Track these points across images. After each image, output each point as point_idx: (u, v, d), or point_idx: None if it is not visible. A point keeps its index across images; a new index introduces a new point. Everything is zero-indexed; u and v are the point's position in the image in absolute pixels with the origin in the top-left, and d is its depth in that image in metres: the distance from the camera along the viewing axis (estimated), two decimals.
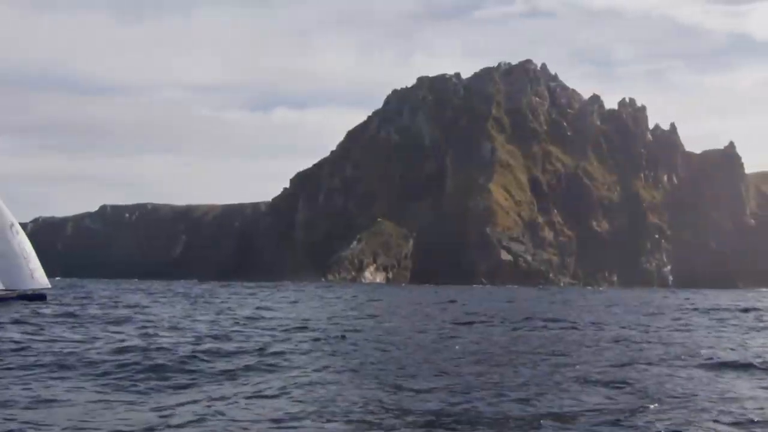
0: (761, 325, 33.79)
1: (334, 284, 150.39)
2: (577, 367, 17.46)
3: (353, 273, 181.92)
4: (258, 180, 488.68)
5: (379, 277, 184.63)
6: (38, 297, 40.55)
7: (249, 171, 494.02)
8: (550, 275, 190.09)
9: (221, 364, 17.21)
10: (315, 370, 16.47)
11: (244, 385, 14.88)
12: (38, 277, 40.01)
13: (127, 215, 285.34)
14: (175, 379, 15.15)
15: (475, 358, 19.08)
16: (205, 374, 15.92)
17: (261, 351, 19.68)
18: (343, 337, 23.79)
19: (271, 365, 17.16)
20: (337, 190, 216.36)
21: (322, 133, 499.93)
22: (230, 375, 15.87)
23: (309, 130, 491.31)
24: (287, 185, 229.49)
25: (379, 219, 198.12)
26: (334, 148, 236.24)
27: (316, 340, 23.10)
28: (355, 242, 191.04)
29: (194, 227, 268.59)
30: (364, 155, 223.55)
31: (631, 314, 41.98)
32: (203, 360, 17.69)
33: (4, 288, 39.41)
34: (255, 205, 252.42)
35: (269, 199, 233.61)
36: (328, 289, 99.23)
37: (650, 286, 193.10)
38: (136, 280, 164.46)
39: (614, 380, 15.41)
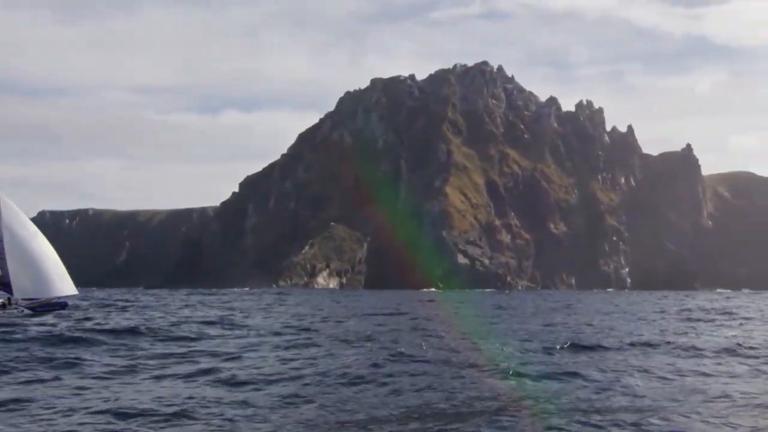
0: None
1: (285, 290, 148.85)
2: None
3: (306, 278, 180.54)
4: (206, 184, 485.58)
5: (333, 283, 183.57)
6: (60, 305, 40.98)
7: (196, 175, 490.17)
8: (508, 279, 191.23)
9: None
10: None
11: None
12: (67, 284, 40.63)
13: (67, 221, 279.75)
14: None
15: None
16: None
17: None
18: None
19: None
20: (288, 193, 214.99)
21: (273, 135, 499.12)
22: None
23: (259, 132, 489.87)
24: (236, 189, 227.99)
25: (331, 223, 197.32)
26: (284, 150, 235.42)
27: None
28: (307, 247, 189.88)
29: (139, 233, 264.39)
30: (315, 158, 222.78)
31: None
32: None
33: (31, 297, 39.57)
34: (202, 210, 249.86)
35: (217, 203, 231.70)
36: (278, 297, 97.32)
37: (608, 288, 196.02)
38: (80, 288, 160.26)
39: None
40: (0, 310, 38.85)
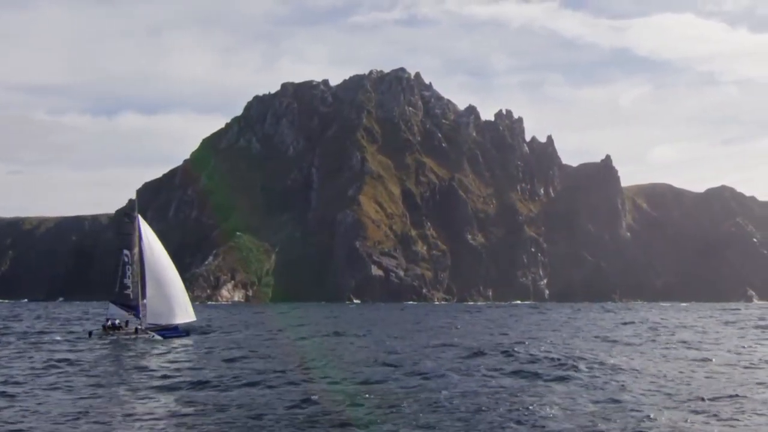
0: None
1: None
2: None
3: (209, 291, 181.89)
4: (99, 190, 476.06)
5: (238, 296, 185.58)
6: (184, 333, 44.24)
7: (89, 180, 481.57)
8: (424, 291, 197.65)
9: None
10: None
11: None
12: (191, 312, 44.39)
13: None
14: None
15: None
16: None
17: None
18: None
19: None
20: (190, 201, 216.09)
21: (175, 140, 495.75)
22: None
23: (159, 137, 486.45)
24: (133, 196, 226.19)
25: (237, 233, 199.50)
26: (187, 156, 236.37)
27: None
28: (210, 258, 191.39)
29: (24, 241, 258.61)
30: (221, 165, 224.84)
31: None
32: None
33: (161, 323, 43.02)
34: (95, 218, 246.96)
35: (112, 211, 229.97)
36: None
37: (526, 300, 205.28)
38: None
39: None
40: (133, 335, 42.79)
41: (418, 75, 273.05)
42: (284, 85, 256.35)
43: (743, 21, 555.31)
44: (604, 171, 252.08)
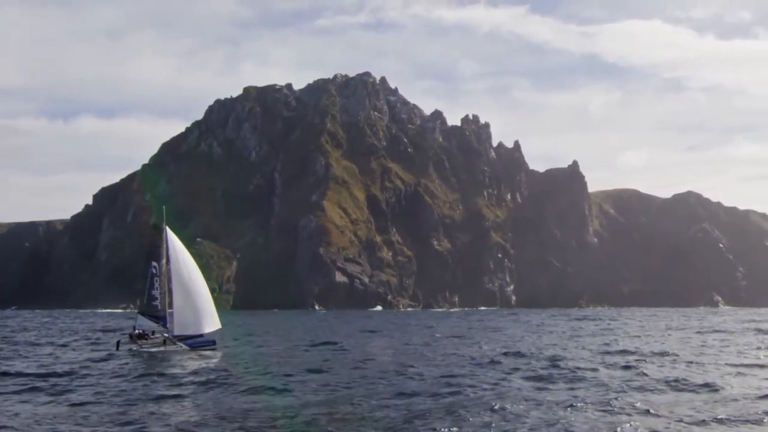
0: None
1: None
2: None
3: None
4: (54, 195, 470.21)
5: None
6: (211, 342, 44.69)
7: (44, 185, 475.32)
8: (389, 297, 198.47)
9: None
10: None
11: None
12: (216, 321, 44.84)
13: None
14: None
15: None
16: None
17: None
18: None
19: None
20: (148, 207, 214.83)
21: (133, 145, 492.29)
22: None
23: (117, 141, 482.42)
24: (89, 202, 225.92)
25: (197, 239, 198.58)
26: (146, 161, 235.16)
27: None
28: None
29: None
30: (181, 169, 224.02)
31: None
32: None
33: (188, 334, 43.71)
34: (49, 224, 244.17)
35: (67, 217, 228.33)
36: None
37: (493, 306, 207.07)
38: None
39: None
40: (162, 347, 43.55)
41: (383, 79, 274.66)
42: (247, 89, 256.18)
43: (711, 28, 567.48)
44: (571, 176, 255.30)
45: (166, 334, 44.00)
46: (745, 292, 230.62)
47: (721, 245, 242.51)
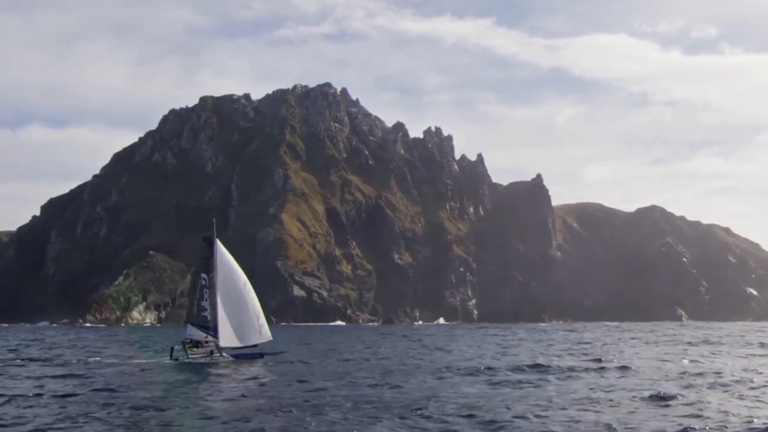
0: None
1: (95, 327, 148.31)
2: None
3: (118, 313, 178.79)
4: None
5: (150, 317, 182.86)
6: (259, 355, 47.73)
7: None
8: (348, 312, 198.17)
9: None
10: None
11: None
12: (265, 332, 47.69)
13: None
14: None
15: None
16: None
17: None
18: None
19: None
20: (99, 218, 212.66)
21: (84, 154, 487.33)
22: None
23: (67, 151, 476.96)
24: (37, 213, 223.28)
25: (150, 252, 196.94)
26: (97, 171, 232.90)
27: None
28: (121, 278, 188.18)
29: None
30: (133, 180, 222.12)
31: None
32: None
33: (235, 346, 46.58)
34: None
35: (13, 228, 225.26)
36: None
37: (455, 320, 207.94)
38: None
39: None
40: (208, 357, 46.18)
41: (344, 90, 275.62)
42: (203, 99, 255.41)
43: (676, 43, 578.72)
44: (534, 190, 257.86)
45: (214, 347, 46.66)
46: (708, 306, 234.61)
47: (684, 259, 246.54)
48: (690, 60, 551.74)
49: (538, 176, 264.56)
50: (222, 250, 47.51)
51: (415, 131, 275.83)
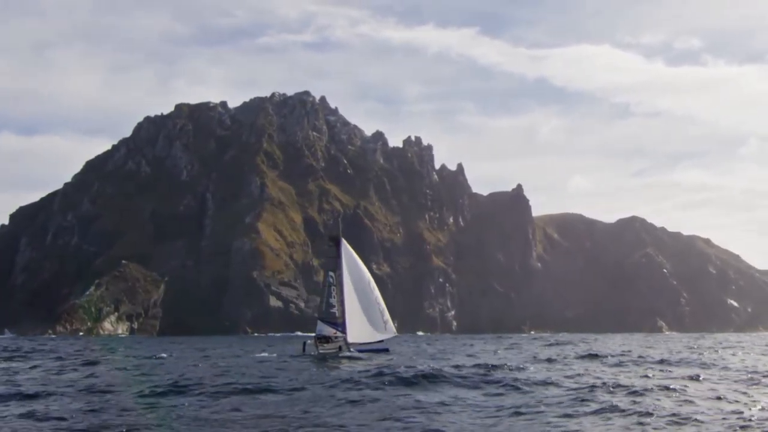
0: None
1: (65, 337, 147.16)
2: None
3: (89, 323, 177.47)
4: None
5: (122, 328, 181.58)
6: (384, 350, 49.99)
7: None
8: None
9: None
10: None
11: None
12: (390, 328, 50.31)
13: None
14: None
15: None
16: None
17: None
18: None
19: None
20: (70, 227, 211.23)
21: (55, 162, 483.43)
22: None
23: (38, 159, 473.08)
24: (5, 221, 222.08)
25: (123, 261, 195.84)
26: (68, 179, 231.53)
27: None
28: (92, 288, 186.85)
29: None
30: (106, 189, 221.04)
31: None
32: None
33: (362, 342, 49.14)
34: None
35: None
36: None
37: (434, 332, 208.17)
38: None
39: None
40: (338, 351, 48.74)
41: (323, 99, 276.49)
42: (178, 106, 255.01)
43: (660, 54, 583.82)
44: (515, 200, 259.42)
45: (343, 340, 49.45)
46: (688, 317, 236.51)
47: (665, 270, 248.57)
48: (673, 71, 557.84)
49: (519, 186, 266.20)
50: (348, 249, 50.20)
51: (395, 141, 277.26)
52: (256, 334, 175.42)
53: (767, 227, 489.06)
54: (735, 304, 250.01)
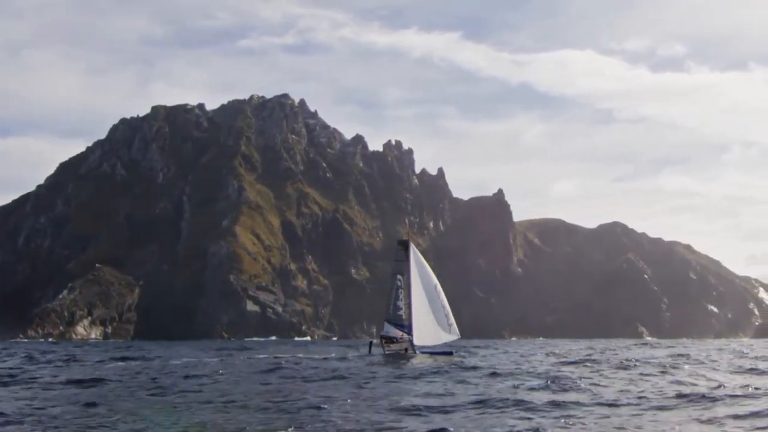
0: None
1: (34, 342, 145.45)
2: None
3: (62, 328, 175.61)
4: None
5: (96, 333, 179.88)
6: (448, 353, 51.11)
7: None
8: (303, 327, 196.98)
9: None
10: None
11: None
12: (454, 331, 51.75)
13: None
14: None
15: None
16: None
17: None
18: None
19: None
20: (43, 230, 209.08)
21: (28, 165, 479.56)
22: None
23: (10, 161, 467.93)
24: None
25: (97, 265, 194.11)
26: (41, 182, 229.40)
27: None
28: (65, 292, 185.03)
29: None
30: (80, 191, 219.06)
31: None
32: None
33: (427, 344, 50.74)
34: None
35: None
36: None
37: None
38: None
39: None
40: (404, 352, 50.42)
41: (302, 102, 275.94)
42: (155, 108, 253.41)
43: (643, 60, 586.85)
44: (496, 205, 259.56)
45: (409, 342, 50.79)
46: (669, 323, 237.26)
47: (645, 276, 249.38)
48: (656, 78, 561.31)
49: (500, 191, 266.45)
50: (417, 254, 52.35)
51: (376, 145, 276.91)
52: (232, 339, 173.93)
53: (748, 234, 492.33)
54: (715, 310, 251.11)
